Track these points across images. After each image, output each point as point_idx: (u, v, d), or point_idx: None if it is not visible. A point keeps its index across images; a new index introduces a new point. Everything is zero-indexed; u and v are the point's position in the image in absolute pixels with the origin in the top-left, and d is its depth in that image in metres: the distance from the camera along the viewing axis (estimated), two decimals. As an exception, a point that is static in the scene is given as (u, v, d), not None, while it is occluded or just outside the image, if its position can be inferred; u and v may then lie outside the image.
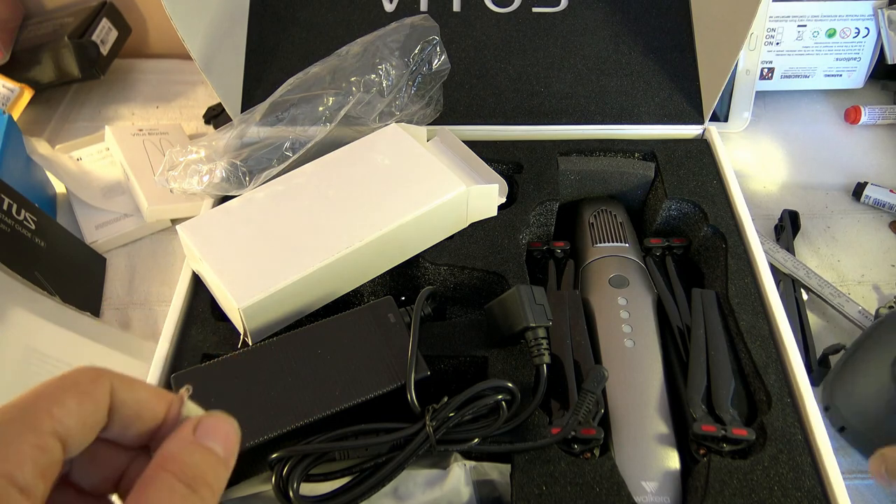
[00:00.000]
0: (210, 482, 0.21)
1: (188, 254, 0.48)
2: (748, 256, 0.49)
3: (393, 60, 0.54)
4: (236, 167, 0.50)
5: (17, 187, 0.56)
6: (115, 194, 0.66)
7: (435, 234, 0.50)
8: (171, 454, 0.21)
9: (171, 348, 0.45)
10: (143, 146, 0.68)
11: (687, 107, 0.59)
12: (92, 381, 0.21)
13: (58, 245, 0.58)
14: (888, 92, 0.77)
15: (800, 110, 0.76)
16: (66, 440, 0.20)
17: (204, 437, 0.22)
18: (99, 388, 0.21)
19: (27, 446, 0.18)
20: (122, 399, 0.21)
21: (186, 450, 0.21)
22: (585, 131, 0.59)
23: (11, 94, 0.73)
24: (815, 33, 0.72)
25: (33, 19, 0.81)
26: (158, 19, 0.86)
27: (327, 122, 0.52)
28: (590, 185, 0.58)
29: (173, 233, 0.64)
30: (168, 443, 0.21)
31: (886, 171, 0.69)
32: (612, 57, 0.61)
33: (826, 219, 0.65)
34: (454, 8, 0.62)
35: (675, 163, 0.56)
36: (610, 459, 0.39)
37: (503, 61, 0.61)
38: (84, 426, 0.20)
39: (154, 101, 0.81)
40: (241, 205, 0.48)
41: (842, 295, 0.57)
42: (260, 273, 0.43)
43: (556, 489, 0.38)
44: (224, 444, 0.22)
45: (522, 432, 0.40)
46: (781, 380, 0.42)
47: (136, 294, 0.61)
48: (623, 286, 0.49)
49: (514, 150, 0.57)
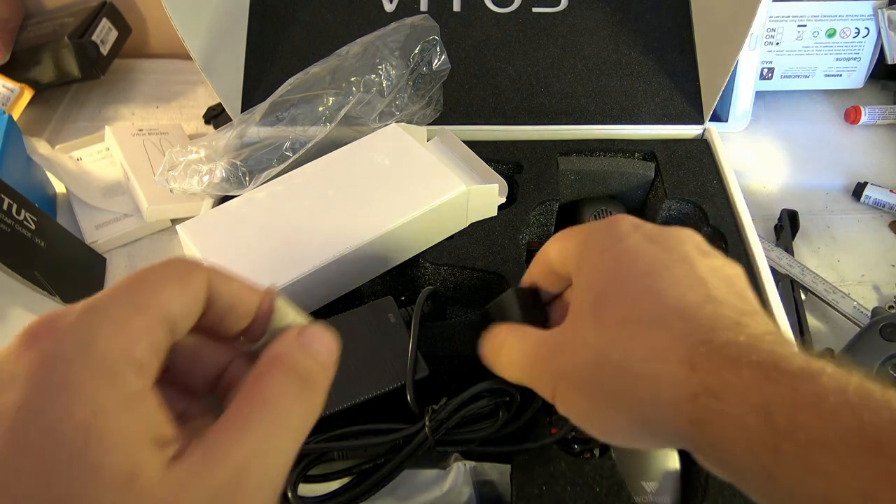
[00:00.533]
0: (318, 383, 0.22)
1: (188, 254, 0.48)
2: (748, 256, 0.49)
3: (393, 60, 0.54)
4: (236, 167, 0.50)
5: (17, 187, 0.56)
6: (115, 194, 0.66)
7: (435, 234, 0.50)
8: (280, 354, 0.22)
9: (171, 348, 0.45)
10: (143, 146, 0.68)
11: (687, 107, 0.59)
12: (190, 271, 0.21)
13: (58, 245, 0.58)
14: (888, 92, 0.77)
15: (800, 110, 0.76)
16: (170, 324, 0.20)
17: (309, 343, 0.22)
18: (197, 277, 0.21)
19: (138, 326, 0.19)
20: (218, 290, 0.22)
21: (296, 351, 0.22)
22: (585, 131, 0.59)
23: (11, 94, 0.73)
24: (815, 33, 0.72)
25: (33, 19, 0.81)
26: (158, 19, 0.86)
27: (327, 122, 0.52)
28: (590, 185, 0.58)
29: (173, 233, 0.64)
30: (275, 345, 0.22)
31: (886, 171, 0.69)
32: (612, 57, 0.61)
33: (826, 219, 0.65)
34: (454, 8, 0.62)
35: (675, 163, 0.56)
36: (610, 459, 0.39)
37: (503, 61, 0.61)
38: (185, 312, 0.21)
39: (154, 101, 0.81)
40: (241, 205, 0.48)
41: (837, 291, 0.57)
42: (259, 273, 0.43)
43: (556, 489, 0.38)
44: (327, 351, 0.23)
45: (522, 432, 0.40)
46: (781, 380, 0.42)
47: (136, 294, 0.61)
48: (623, 286, 0.49)
49: (514, 150, 0.57)
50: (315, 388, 0.22)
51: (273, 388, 0.20)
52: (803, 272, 0.58)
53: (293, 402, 0.21)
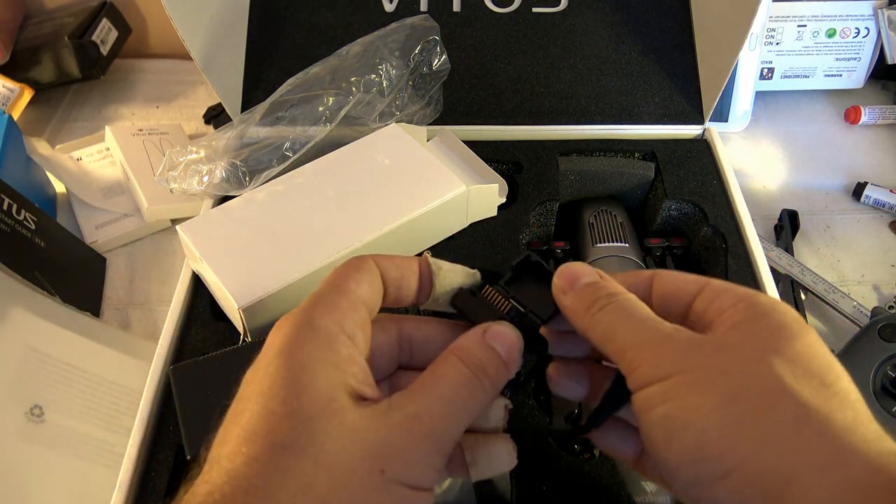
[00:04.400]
0: (490, 374, 0.25)
1: (188, 254, 0.48)
2: (748, 256, 0.49)
3: (393, 60, 0.54)
4: (236, 167, 0.50)
5: (17, 187, 0.56)
6: (115, 194, 0.66)
7: (435, 233, 0.50)
8: (460, 345, 0.26)
9: (171, 348, 0.45)
10: (143, 146, 0.68)
11: (687, 107, 0.59)
12: (364, 260, 0.27)
13: (58, 245, 0.58)
14: (888, 92, 0.77)
15: (800, 110, 0.76)
16: (365, 303, 0.26)
17: (491, 338, 0.26)
18: (370, 263, 0.27)
19: (346, 306, 0.25)
20: (386, 267, 0.27)
21: (474, 344, 0.26)
22: (585, 131, 0.59)
23: (11, 94, 0.73)
24: (815, 33, 0.72)
25: (33, 19, 0.81)
26: (158, 19, 0.86)
27: (327, 122, 0.52)
28: (590, 185, 0.58)
29: (173, 233, 0.64)
30: (460, 339, 0.26)
31: (886, 171, 0.69)
32: (612, 57, 0.61)
33: (826, 219, 0.65)
34: (454, 8, 0.62)
35: (675, 163, 0.56)
36: (610, 459, 0.39)
37: (503, 61, 0.61)
38: (372, 292, 0.26)
39: (154, 101, 0.81)
40: (241, 205, 0.48)
41: (837, 291, 0.57)
42: (260, 273, 0.43)
43: (556, 489, 0.38)
44: (506, 348, 0.26)
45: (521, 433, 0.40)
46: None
47: (136, 294, 0.61)
48: (623, 286, 0.49)
49: (514, 150, 0.57)
50: (486, 377, 0.25)
51: (448, 368, 0.25)
52: (803, 272, 0.58)
53: (462, 384, 0.24)
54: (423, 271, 0.28)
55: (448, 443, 0.24)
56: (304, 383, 0.22)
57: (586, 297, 0.27)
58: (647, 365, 0.24)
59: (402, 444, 0.22)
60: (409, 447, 0.23)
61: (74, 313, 0.52)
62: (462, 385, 0.24)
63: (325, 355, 0.23)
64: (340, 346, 0.24)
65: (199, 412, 0.39)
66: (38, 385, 0.46)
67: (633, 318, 0.26)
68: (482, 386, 0.25)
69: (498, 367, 0.25)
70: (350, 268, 0.26)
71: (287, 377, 0.23)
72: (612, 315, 0.26)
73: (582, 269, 0.28)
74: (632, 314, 0.26)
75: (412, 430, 0.23)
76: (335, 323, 0.24)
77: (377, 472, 0.22)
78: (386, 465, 0.22)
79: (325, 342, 0.24)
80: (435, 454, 0.23)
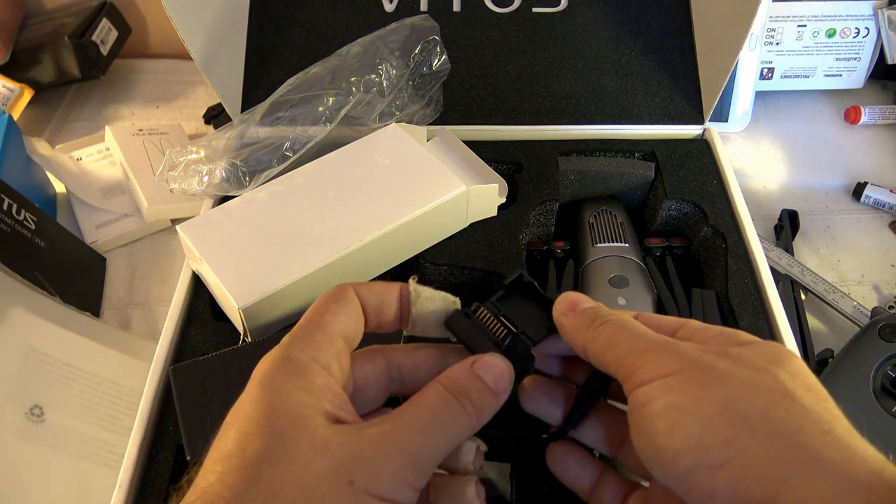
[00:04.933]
0: (473, 400, 0.25)
1: (188, 254, 0.48)
2: (748, 256, 0.49)
3: (393, 60, 0.54)
4: (236, 167, 0.50)
5: (17, 187, 0.56)
6: (115, 194, 0.66)
7: (435, 233, 0.50)
8: (447, 374, 0.26)
9: (171, 348, 0.45)
10: (143, 146, 0.68)
11: (687, 107, 0.59)
12: (343, 290, 0.28)
13: (58, 245, 0.58)
14: (888, 92, 0.77)
15: (800, 110, 0.76)
16: (344, 335, 0.27)
17: (478, 368, 0.26)
18: (349, 294, 0.28)
19: (320, 339, 0.26)
20: (365, 296, 0.28)
21: (459, 372, 0.26)
22: (585, 131, 0.59)
23: (11, 94, 0.73)
24: (815, 33, 0.72)
25: (33, 19, 0.81)
26: (158, 19, 0.86)
27: (327, 122, 0.52)
28: (590, 185, 0.58)
29: (173, 233, 0.64)
30: (448, 370, 0.27)
31: (886, 171, 0.69)
32: (611, 57, 0.61)
33: (826, 219, 0.65)
34: (454, 8, 0.62)
35: (675, 163, 0.56)
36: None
37: (503, 61, 0.61)
38: (352, 323, 0.27)
39: (154, 101, 0.81)
40: (241, 205, 0.48)
41: (837, 291, 0.57)
42: (260, 273, 0.43)
43: (556, 489, 0.38)
44: (494, 378, 0.26)
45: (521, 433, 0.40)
46: (781, 380, 0.42)
47: (136, 294, 0.61)
48: (623, 286, 0.49)
49: (514, 150, 0.57)
50: (469, 403, 0.25)
51: (430, 393, 0.25)
52: (803, 272, 0.58)
53: (442, 407, 0.25)
54: (404, 298, 0.29)
55: (424, 461, 0.24)
56: (278, 404, 0.24)
57: (587, 316, 0.28)
58: (649, 365, 0.25)
59: (372, 456, 0.23)
60: (380, 459, 0.23)
61: (74, 313, 0.52)
62: (442, 408, 0.25)
63: (299, 383, 0.24)
64: (315, 377, 0.25)
65: (199, 412, 0.39)
66: (38, 385, 0.46)
67: (634, 330, 0.27)
68: (465, 412, 0.25)
69: (484, 395, 0.26)
70: (328, 300, 0.27)
71: (262, 402, 0.24)
72: (612, 328, 0.27)
73: (583, 297, 0.29)
74: (632, 328, 0.27)
75: (384, 443, 0.23)
76: (309, 356, 0.25)
77: (346, 482, 0.22)
78: (355, 475, 0.22)
79: (298, 373, 0.25)
80: (409, 469, 0.23)
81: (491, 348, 0.28)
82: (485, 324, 0.29)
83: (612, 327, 0.27)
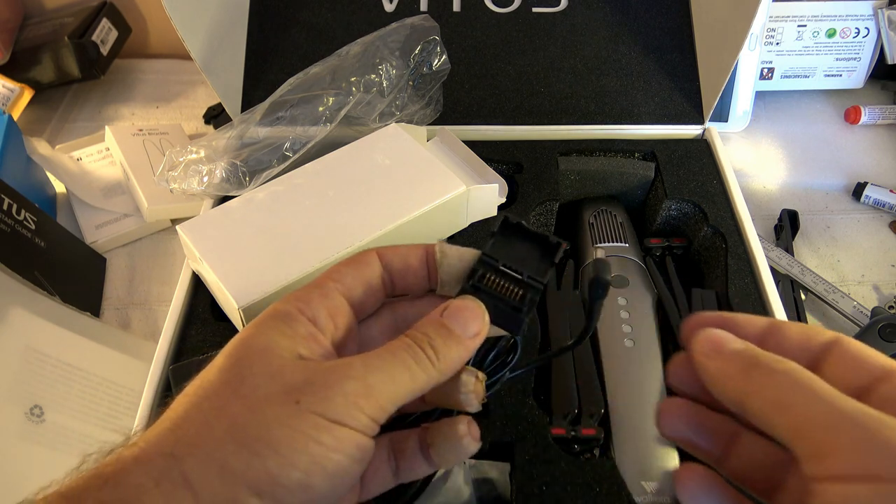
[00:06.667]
0: (436, 347, 0.26)
1: (188, 254, 0.48)
2: (748, 256, 0.49)
3: (393, 60, 0.54)
4: (236, 167, 0.50)
5: (17, 187, 0.56)
6: (115, 194, 0.66)
7: (435, 234, 0.50)
8: (415, 326, 0.27)
9: (171, 348, 0.45)
10: (143, 146, 0.68)
11: (687, 107, 0.59)
12: (364, 255, 0.28)
13: (58, 245, 0.58)
14: (888, 92, 0.77)
15: (800, 110, 0.76)
16: (348, 294, 0.27)
17: (447, 316, 0.27)
18: (367, 255, 0.28)
19: (315, 295, 0.26)
20: (389, 258, 0.29)
21: (425, 323, 0.27)
22: (585, 131, 0.59)
23: (11, 94, 0.73)
24: (815, 33, 0.72)
25: (33, 19, 0.81)
26: (158, 19, 0.86)
27: (327, 122, 0.52)
28: (590, 185, 0.58)
29: (173, 233, 0.64)
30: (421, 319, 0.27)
31: (886, 171, 0.69)
32: (612, 57, 0.61)
33: (826, 219, 0.65)
34: (454, 8, 0.62)
35: (675, 163, 0.56)
36: (610, 459, 0.39)
37: (503, 61, 0.61)
38: (361, 284, 0.28)
39: (154, 101, 0.81)
40: (240, 205, 0.48)
41: (837, 291, 0.57)
42: (260, 273, 0.43)
43: (556, 489, 0.38)
44: (461, 324, 0.26)
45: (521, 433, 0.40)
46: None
47: (136, 294, 0.61)
48: (623, 286, 0.49)
49: (514, 150, 0.57)
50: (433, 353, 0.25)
51: (396, 342, 0.26)
52: (803, 272, 0.58)
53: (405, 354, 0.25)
54: (431, 258, 0.29)
55: (381, 394, 0.24)
56: (249, 340, 0.25)
57: (742, 360, 0.23)
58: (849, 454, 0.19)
59: (322, 380, 0.23)
60: (330, 383, 0.23)
61: (74, 313, 0.52)
62: (405, 352, 0.25)
63: (279, 327, 0.25)
64: (298, 325, 0.25)
65: (199, 412, 0.39)
66: (38, 385, 0.46)
67: (816, 391, 0.21)
68: (427, 358, 0.25)
69: (448, 342, 0.26)
70: (342, 263, 0.28)
71: (238, 340, 0.25)
72: (784, 382, 0.21)
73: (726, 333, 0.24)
74: (812, 386, 0.21)
75: (340, 371, 0.24)
76: (297, 308, 0.26)
77: (291, 402, 0.23)
78: (301, 397, 0.23)
79: (283, 321, 0.25)
80: (363, 397, 0.23)
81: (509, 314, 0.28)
82: (495, 289, 0.28)
83: (783, 381, 0.21)
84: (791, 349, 0.24)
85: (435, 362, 0.26)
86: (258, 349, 0.24)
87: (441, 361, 0.26)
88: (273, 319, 0.25)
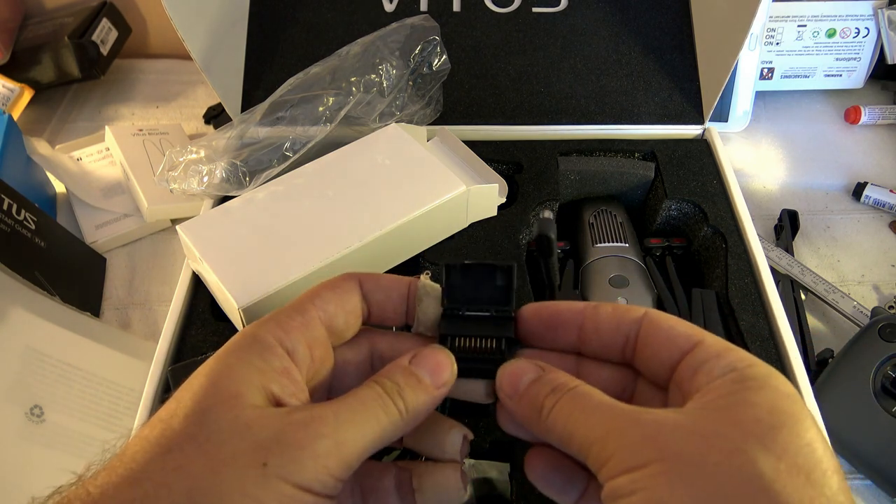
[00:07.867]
0: (405, 397, 0.25)
1: (188, 254, 0.48)
2: (748, 256, 0.49)
3: (393, 60, 0.54)
4: (236, 167, 0.50)
5: (17, 187, 0.56)
6: (115, 194, 0.66)
7: (435, 233, 0.50)
8: (385, 369, 0.26)
9: (171, 348, 0.45)
10: (143, 146, 0.68)
11: (687, 107, 0.59)
12: (342, 279, 0.27)
13: (58, 245, 0.58)
14: (888, 92, 0.77)
15: (800, 110, 0.76)
16: (329, 322, 0.26)
17: (414, 364, 0.26)
18: (347, 282, 0.27)
19: (295, 323, 0.25)
20: (369, 288, 0.28)
21: (394, 370, 0.26)
22: (585, 131, 0.59)
23: (11, 94, 0.73)
24: (815, 33, 0.72)
25: (33, 19, 0.81)
26: (158, 19, 0.86)
27: (327, 122, 0.52)
28: (590, 185, 0.58)
29: (173, 233, 0.64)
30: (389, 364, 0.26)
31: (886, 171, 0.69)
32: (612, 57, 0.61)
33: (826, 219, 0.65)
34: (454, 8, 0.62)
35: (675, 163, 0.56)
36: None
37: (503, 61, 0.61)
38: (342, 313, 0.27)
39: (154, 101, 0.81)
40: (241, 205, 0.48)
41: (837, 291, 0.57)
42: (260, 273, 0.43)
43: (556, 489, 0.38)
44: (431, 373, 0.26)
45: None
46: (781, 380, 0.42)
47: (136, 294, 0.61)
48: (623, 286, 0.49)
49: (514, 150, 0.57)
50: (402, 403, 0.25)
51: (364, 388, 0.25)
52: (803, 272, 0.58)
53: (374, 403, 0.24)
54: (412, 295, 0.28)
55: (351, 453, 0.23)
56: (218, 380, 0.23)
57: (534, 400, 0.25)
58: (616, 456, 0.22)
59: (291, 440, 0.22)
60: (301, 444, 0.22)
61: (74, 313, 0.52)
62: (374, 401, 0.24)
63: (253, 361, 0.24)
64: (273, 358, 0.24)
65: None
66: (37, 385, 0.46)
67: (590, 408, 0.23)
68: (395, 408, 0.25)
69: (417, 391, 0.25)
70: (324, 286, 0.27)
71: (208, 375, 0.24)
72: (565, 411, 0.24)
73: (521, 367, 0.26)
74: (587, 404, 0.23)
75: (308, 427, 0.22)
76: (275, 337, 0.25)
77: (258, 464, 0.21)
78: (269, 458, 0.21)
79: (257, 352, 0.24)
80: (332, 457, 0.22)
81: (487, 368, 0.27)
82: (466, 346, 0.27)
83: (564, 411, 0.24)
84: (607, 331, 0.26)
85: (403, 414, 0.25)
86: (227, 396, 0.23)
87: (409, 413, 0.25)
88: (248, 351, 0.24)
